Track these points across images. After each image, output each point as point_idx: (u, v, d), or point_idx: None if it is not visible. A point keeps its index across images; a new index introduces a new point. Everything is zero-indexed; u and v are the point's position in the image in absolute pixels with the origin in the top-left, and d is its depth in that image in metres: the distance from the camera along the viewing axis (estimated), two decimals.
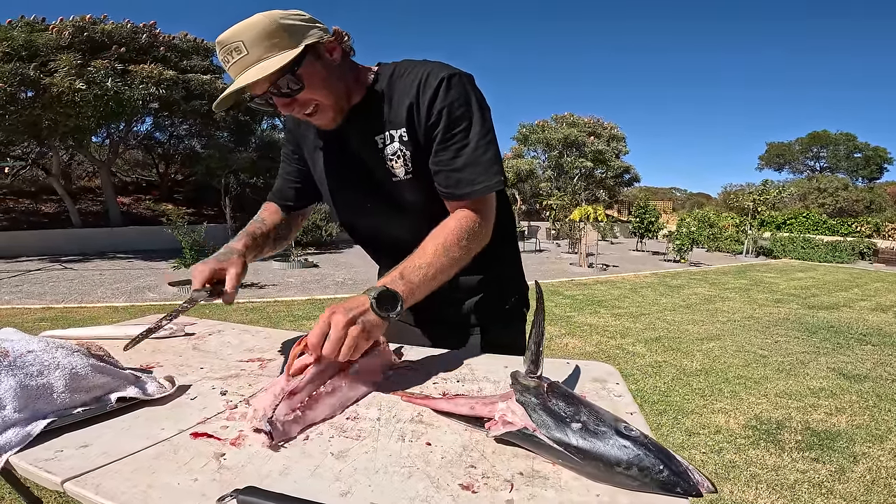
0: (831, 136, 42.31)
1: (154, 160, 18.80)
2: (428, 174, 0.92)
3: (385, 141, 0.92)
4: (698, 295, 7.60)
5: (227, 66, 0.82)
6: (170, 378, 0.80)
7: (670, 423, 2.91)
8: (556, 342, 4.64)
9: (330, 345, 0.69)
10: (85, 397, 0.73)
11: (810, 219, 21.57)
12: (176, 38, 13.20)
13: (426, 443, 0.62)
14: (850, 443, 2.70)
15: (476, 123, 0.89)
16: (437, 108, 0.87)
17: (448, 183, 0.90)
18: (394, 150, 0.92)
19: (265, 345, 1.01)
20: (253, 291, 7.13)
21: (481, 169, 0.88)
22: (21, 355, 0.71)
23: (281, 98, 0.85)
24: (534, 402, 0.55)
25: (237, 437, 0.64)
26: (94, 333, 1.06)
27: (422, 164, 0.92)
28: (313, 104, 0.87)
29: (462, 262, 0.89)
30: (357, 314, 0.73)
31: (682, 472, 0.47)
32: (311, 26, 0.84)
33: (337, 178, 1.02)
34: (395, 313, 0.76)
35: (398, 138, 0.91)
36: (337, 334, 0.70)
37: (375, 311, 0.75)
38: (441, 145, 0.89)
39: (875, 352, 4.58)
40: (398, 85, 0.91)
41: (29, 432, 0.65)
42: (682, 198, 48.67)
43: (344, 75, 0.90)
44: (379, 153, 0.93)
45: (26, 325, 4.92)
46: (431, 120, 0.88)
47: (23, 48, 10.04)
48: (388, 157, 0.92)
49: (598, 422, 0.51)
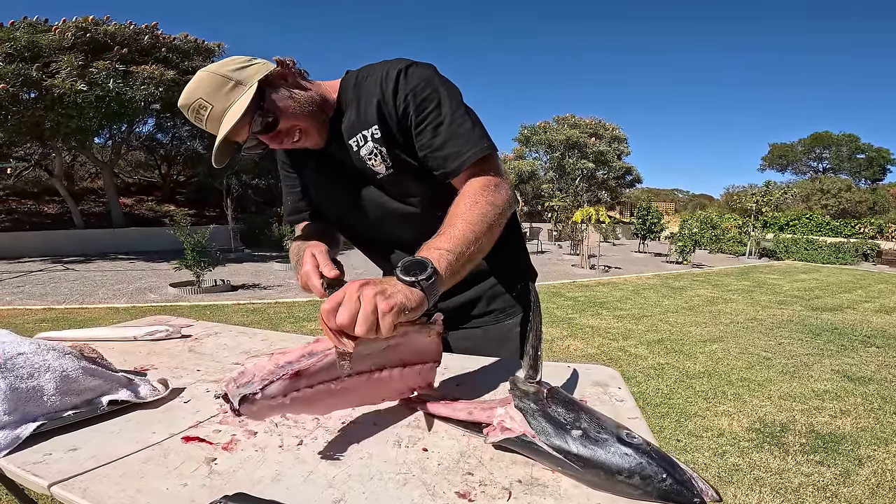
0: (834, 137, 42.21)
1: (156, 161, 18.86)
2: (409, 166, 0.92)
3: (359, 143, 0.93)
4: (701, 297, 7.57)
5: (203, 124, 0.85)
6: (163, 381, 0.78)
7: (673, 425, 2.89)
8: (557, 344, 4.62)
9: (345, 312, 0.58)
10: (76, 400, 0.72)
11: (813, 220, 21.51)
12: (177, 39, 13.21)
13: (423, 448, 0.61)
14: (855, 445, 2.68)
15: (444, 100, 0.88)
16: (402, 95, 0.88)
17: (437, 164, 0.89)
18: (369, 149, 0.92)
19: (262, 347, 1.00)
20: (254, 293, 7.13)
21: (463, 140, 0.87)
22: (11, 358, 0.70)
23: (264, 135, 0.87)
24: (533, 408, 0.54)
25: (229, 441, 0.63)
26: (90, 335, 1.05)
27: (400, 157, 0.92)
28: (297, 131, 0.89)
29: (491, 218, 0.81)
30: (387, 286, 0.62)
31: (686, 480, 0.45)
32: (250, 64, 0.86)
33: (326, 188, 1.03)
34: (423, 277, 0.64)
35: (370, 137, 0.91)
36: (356, 303, 0.58)
37: (401, 278, 0.64)
38: (417, 129, 0.89)
39: (879, 353, 4.54)
40: (362, 87, 0.93)
41: (18, 435, 0.64)
42: (685, 199, 48.60)
43: (310, 95, 0.91)
44: (357, 155, 0.94)
45: (27, 326, 4.92)
46: (400, 109, 0.89)
47: (25, 49, 10.06)
48: (365, 157, 0.93)
49: (599, 429, 0.49)
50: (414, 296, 0.63)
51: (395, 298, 0.60)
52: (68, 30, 10.74)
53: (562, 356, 4.22)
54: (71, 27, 10.85)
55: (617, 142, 26.52)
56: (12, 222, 13.65)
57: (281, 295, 6.94)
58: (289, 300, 6.53)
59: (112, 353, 0.93)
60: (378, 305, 0.58)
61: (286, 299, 6.59)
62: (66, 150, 14.39)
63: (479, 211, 0.80)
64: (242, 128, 0.83)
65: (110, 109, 10.69)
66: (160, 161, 18.66)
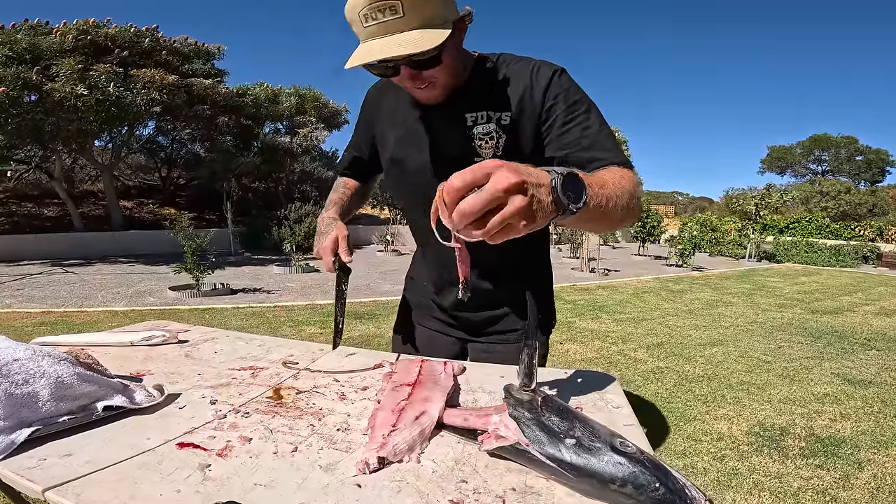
0: (832, 139, 42.20)
1: (157, 164, 18.87)
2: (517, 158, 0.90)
3: (477, 120, 0.91)
4: (701, 300, 7.56)
5: (368, 23, 0.77)
6: (159, 387, 0.78)
7: (672, 429, 2.88)
8: (557, 348, 4.62)
9: (472, 202, 0.49)
10: (71, 406, 0.72)
11: (813, 223, 21.50)
12: (177, 42, 13.23)
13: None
14: (855, 449, 2.67)
15: (594, 109, 0.89)
16: (553, 92, 0.88)
17: (579, 161, 0.85)
18: (487, 130, 0.91)
19: (258, 352, 1.00)
20: (253, 296, 7.12)
21: (610, 146, 0.86)
22: (6, 363, 0.70)
23: (413, 70, 0.83)
24: (527, 417, 0.54)
25: (224, 447, 0.62)
26: (86, 340, 1.04)
27: (511, 153, 0.90)
28: (434, 78, 0.86)
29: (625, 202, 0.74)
30: (532, 181, 0.51)
31: (679, 489, 0.45)
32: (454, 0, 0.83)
33: (414, 149, 0.99)
34: (577, 206, 0.56)
35: (496, 120, 0.90)
36: (490, 194, 0.49)
37: (557, 192, 0.54)
38: (564, 128, 0.87)
39: (880, 356, 4.54)
40: (505, 70, 0.92)
41: (13, 440, 0.64)
42: (685, 202, 48.61)
43: (465, 55, 0.92)
44: (467, 130, 0.92)
45: (26, 329, 4.92)
46: (548, 104, 0.88)
47: (26, 51, 10.06)
48: (477, 135, 0.91)
49: (592, 437, 0.49)
50: (549, 216, 0.54)
51: (537, 220, 0.52)
52: (69, 32, 10.74)
53: (561, 360, 4.21)
54: (72, 30, 10.85)
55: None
56: (12, 225, 13.65)
57: (280, 299, 6.93)
58: (288, 304, 6.52)
59: (108, 359, 0.93)
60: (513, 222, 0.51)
61: (285, 303, 6.58)
62: (66, 153, 14.40)
63: (625, 187, 0.75)
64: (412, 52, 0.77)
65: (110, 113, 10.70)
66: (160, 164, 18.67)
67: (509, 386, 0.62)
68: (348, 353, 0.99)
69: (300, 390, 0.80)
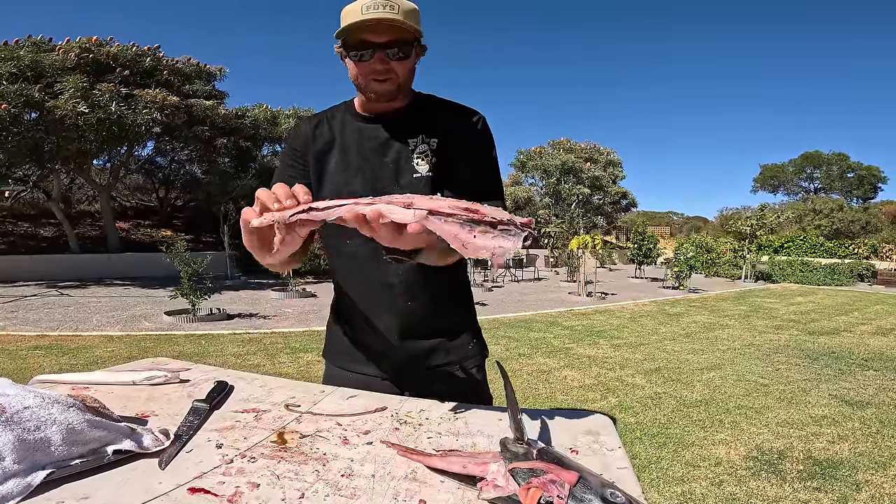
0: (824, 156, 42.73)
1: (154, 185, 18.92)
2: (444, 178, 1.06)
3: (417, 143, 1.07)
4: (698, 323, 7.59)
5: (369, 10, 0.93)
6: (164, 431, 0.80)
7: (670, 455, 2.88)
8: (555, 374, 4.61)
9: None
10: (82, 450, 0.74)
11: (807, 241, 21.66)
12: (179, 62, 13.35)
13: (420, 500, 0.63)
14: (853, 470, 2.68)
15: (497, 157, 1.15)
16: (483, 135, 1.11)
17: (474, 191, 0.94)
18: (423, 150, 1.07)
19: (260, 394, 1.02)
20: (250, 321, 7.10)
21: (499, 187, 1.13)
22: (17, 412, 0.72)
23: (384, 53, 0.98)
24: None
25: (234, 493, 0.64)
26: (88, 379, 1.06)
27: (441, 170, 1.07)
28: (394, 75, 1.01)
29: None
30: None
31: None
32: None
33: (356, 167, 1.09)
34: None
35: (429, 144, 1.07)
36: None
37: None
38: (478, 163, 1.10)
39: (877, 377, 4.56)
40: (438, 104, 1.13)
41: (29, 483, 0.65)
42: (680, 222, 48.96)
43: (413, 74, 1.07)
44: (409, 150, 1.07)
45: (20, 353, 4.89)
46: (478, 143, 1.10)
47: (29, 68, 10.12)
48: (416, 155, 1.07)
49: (584, 489, 0.52)
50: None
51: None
52: (72, 50, 10.84)
53: (559, 387, 4.21)
54: (74, 47, 10.95)
55: (612, 166, 26.82)
56: (8, 245, 13.63)
57: (277, 324, 6.92)
58: (285, 330, 6.50)
59: (112, 398, 0.95)
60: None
61: (282, 329, 6.57)
62: (64, 173, 14.43)
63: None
64: (399, 31, 0.95)
65: (111, 133, 10.74)
66: (158, 185, 18.72)
67: (505, 440, 0.65)
68: (349, 396, 1.00)
69: (303, 434, 0.82)
